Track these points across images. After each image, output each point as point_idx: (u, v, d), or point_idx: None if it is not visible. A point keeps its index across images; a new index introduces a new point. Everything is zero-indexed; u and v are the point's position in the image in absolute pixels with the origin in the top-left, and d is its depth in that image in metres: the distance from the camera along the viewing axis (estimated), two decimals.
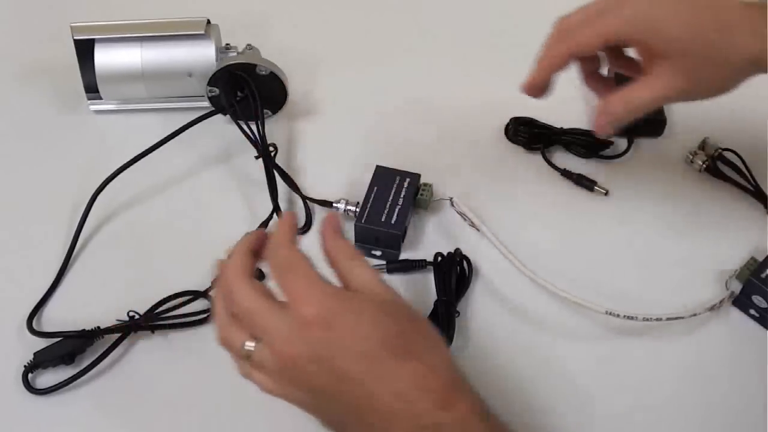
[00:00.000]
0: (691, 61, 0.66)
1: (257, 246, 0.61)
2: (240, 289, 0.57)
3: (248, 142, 0.84)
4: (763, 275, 0.73)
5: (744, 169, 0.85)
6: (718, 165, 0.86)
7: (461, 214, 0.81)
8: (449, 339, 0.72)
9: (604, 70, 0.76)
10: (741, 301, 0.75)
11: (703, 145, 0.87)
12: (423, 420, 0.53)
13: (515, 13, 1.04)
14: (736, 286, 0.75)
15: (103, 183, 0.83)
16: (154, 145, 0.85)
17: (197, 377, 0.73)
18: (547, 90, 0.73)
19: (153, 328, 0.75)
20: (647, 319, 0.72)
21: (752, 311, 0.75)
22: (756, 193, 0.83)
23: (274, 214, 0.82)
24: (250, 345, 0.57)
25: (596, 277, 0.78)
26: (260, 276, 0.78)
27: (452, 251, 0.78)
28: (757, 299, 0.74)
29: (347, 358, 0.54)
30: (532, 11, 1.04)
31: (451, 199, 0.82)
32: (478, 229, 0.80)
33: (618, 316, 0.72)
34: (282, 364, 0.55)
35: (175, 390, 0.72)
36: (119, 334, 0.74)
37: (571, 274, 0.78)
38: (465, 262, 0.78)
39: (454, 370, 0.56)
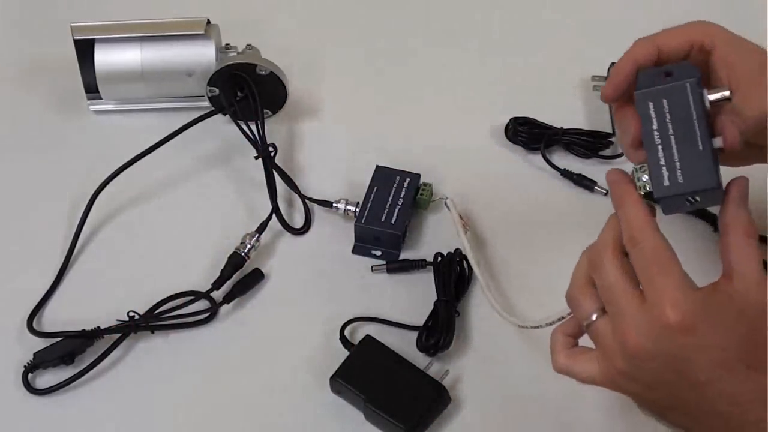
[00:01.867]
0: None
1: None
2: (611, 262, 0.57)
3: (248, 142, 0.84)
4: None
5: None
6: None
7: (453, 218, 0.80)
8: (449, 339, 0.72)
9: None
10: None
11: None
12: (752, 428, 0.54)
13: (516, 13, 1.04)
14: None
15: (103, 183, 0.83)
16: (154, 145, 0.85)
17: (197, 378, 0.73)
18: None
19: (153, 329, 0.75)
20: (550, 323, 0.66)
21: None
22: (698, 213, 0.81)
23: (273, 215, 0.82)
24: (597, 316, 0.57)
25: None
26: (260, 275, 0.78)
27: (452, 251, 0.78)
28: None
29: (698, 364, 0.54)
30: (533, 11, 1.04)
31: (445, 200, 0.81)
32: (463, 231, 0.79)
33: (527, 327, 0.70)
34: (625, 351, 0.55)
35: (175, 390, 0.72)
36: (119, 334, 0.74)
37: (568, 274, 0.78)
38: (465, 262, 0.78)
39: None
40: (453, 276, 0.76)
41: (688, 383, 0.54)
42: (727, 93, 0.57)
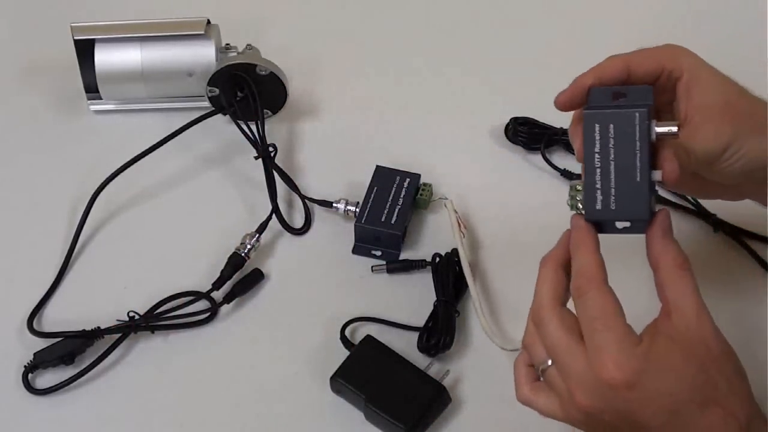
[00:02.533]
0: None
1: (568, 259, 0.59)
2: (550, 320, 0.56)
3: (248, 142, 0.84)
4: None
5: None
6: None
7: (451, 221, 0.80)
8: (450, 340, 0.72)
9: None
10: None
11: None
12: None
13: (516, 13, 1.04)
14: None
15: (103, 183, 0.83)
16: (154, 145, 0.85)
17: (197, 378, 0.73)
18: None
19: (153, 329, 0.75)
20: None
21: None
22: (699, 213, 0.81)
23: (273, 215, 0.82)
24: (550, 364, 0.56)
25: None
26: (260, 275, 0.78)
27: (450, 251, 0.78)
28: None
29: (648, 414, 0.53)
30: (532, 12, 1.04)
31: (444, 200, 0.81)
32: (460, 235, 0.78)
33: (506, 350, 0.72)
34: (575, 407, 0.55)
35: (175, 390, 0.73)
36: (119, 334, 0.74)
37: None
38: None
39: (751, 408, 0.54)
40: (451, 276, 0.76)
41: (643, 430, 0.54)
42: (674, 129, 0.55)
